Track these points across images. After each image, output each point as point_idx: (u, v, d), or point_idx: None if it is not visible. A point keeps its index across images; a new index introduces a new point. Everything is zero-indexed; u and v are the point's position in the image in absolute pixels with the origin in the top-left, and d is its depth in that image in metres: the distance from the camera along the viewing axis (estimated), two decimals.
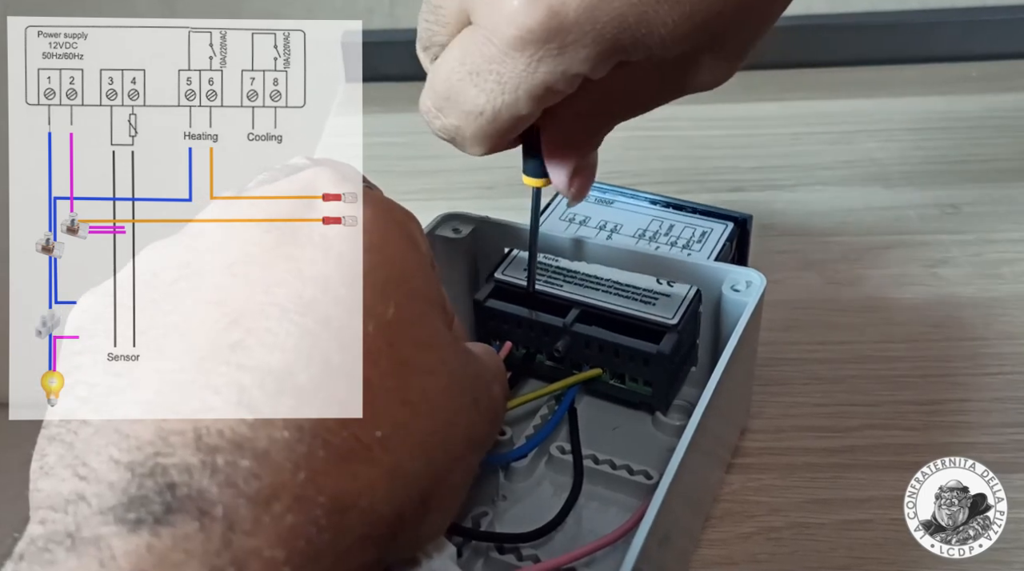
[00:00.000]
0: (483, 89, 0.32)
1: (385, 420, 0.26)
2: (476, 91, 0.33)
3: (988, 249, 0.60)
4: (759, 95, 0.80)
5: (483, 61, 0.32)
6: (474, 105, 0.33)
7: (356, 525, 0.25)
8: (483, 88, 0.32)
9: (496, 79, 0.32)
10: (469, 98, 0.33)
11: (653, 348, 0.42)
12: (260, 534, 0.23)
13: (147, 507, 0.23)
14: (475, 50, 0.32)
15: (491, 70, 0.32)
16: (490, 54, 0.32)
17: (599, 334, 0.43)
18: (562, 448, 0.42)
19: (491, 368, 0.34)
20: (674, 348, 0.42)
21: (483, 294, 0.45)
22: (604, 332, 0.43)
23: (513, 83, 0.32)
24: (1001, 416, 0.48)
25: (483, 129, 0.34)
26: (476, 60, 0.32)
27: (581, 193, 0.40)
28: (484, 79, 0.32)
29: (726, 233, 0.48)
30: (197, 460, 0.23)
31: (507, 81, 0.32)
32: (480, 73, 0.32)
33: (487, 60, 0.32)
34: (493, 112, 0.33)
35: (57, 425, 0.25)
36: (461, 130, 0.34)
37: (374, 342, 0.27)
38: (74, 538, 0.23)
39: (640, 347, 0.42)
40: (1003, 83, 0.83)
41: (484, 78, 0.32)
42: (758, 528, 0.42)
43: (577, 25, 0.30)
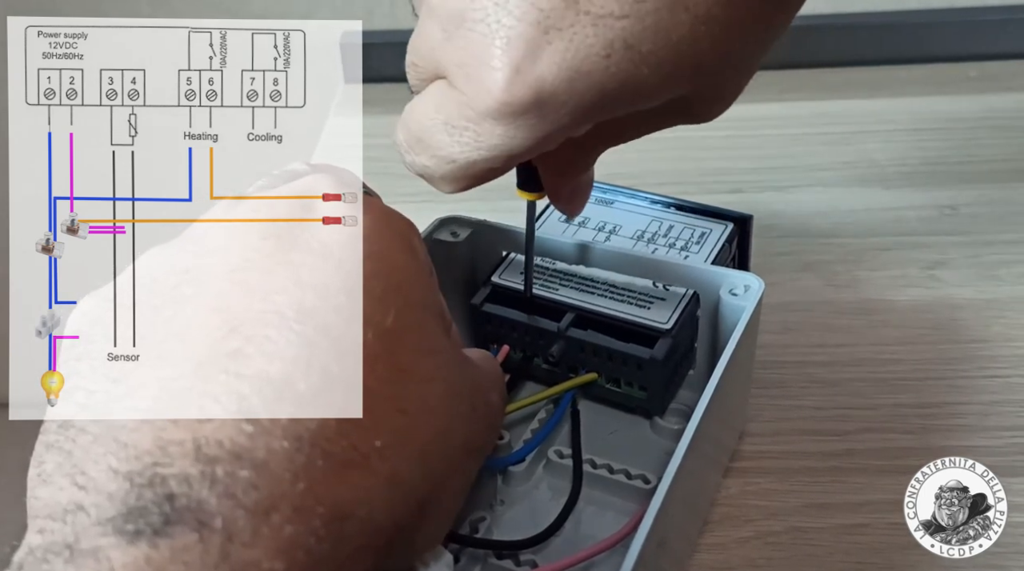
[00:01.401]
0: (457, 141, 0.31)
1: (383, 429, 0.26)
2: (450, 141, 0.32)
3: (986, 251, 0.60)
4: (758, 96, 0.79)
5: (460, 118, 0.31)
6: (447, 154, 0.32)
7: (354, 534, 0.25)
8: (457, 140, 0.31)
9: (472, 137, 0.31)
10: (443, 146, 0.32)
11: (647, 353, 0.42)
12: (259, 545, 0.23)
13: (146, 518, 0.23)
14: (452, 107, 0.31)
15: (467, 127, 0.31)
16: (467, 115, 0.31)
17: (593, 339, 0.43)
18: (560, 452, 0.42)
19: (489, 375, 0.34)
20: (668, 353, 0.42)
21: (480, 298, 0.45)
22: (598, 336, 0.43)
23: (489, 143, 0.31)
24: (999, 419, 0.48)
25: (454, 174, 0.33)
26: (452, 114, 0.31)
27: (577, 210, 0.41)
28: (460, 133, 0.31)
29: (725, 234, 0.48)
30: (196, 471, 0.23)
31: (483, 141, 0.31)
32: (456, 127, 0.31)
33: (464, 119, 0.31)
34: (467, 163, 0.32)
35: (55, 432, 0.25)
36: (431, 170, 0.33)
37: (372, 350, 0.27)
38: (72, 549, 0.22)
39: (634, 352, 0.42)
40: (1002, 84, 0.83)
41: (460, 132, 0.31)
42: (756, 532, 0.42)
43: (558, 98, 0.29)
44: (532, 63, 0.29)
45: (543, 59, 0.29)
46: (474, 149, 0.31)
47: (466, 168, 0.32)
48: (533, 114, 0.30)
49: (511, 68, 0.29)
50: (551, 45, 0.28)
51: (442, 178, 0.33)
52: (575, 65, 0.29)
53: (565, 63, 0.29)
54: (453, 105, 0.31)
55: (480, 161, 0.32)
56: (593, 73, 0.29)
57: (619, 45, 0.29)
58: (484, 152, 0.31)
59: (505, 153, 0.31)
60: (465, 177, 0.33)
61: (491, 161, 0.32)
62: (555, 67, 0.29)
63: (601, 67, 0.29)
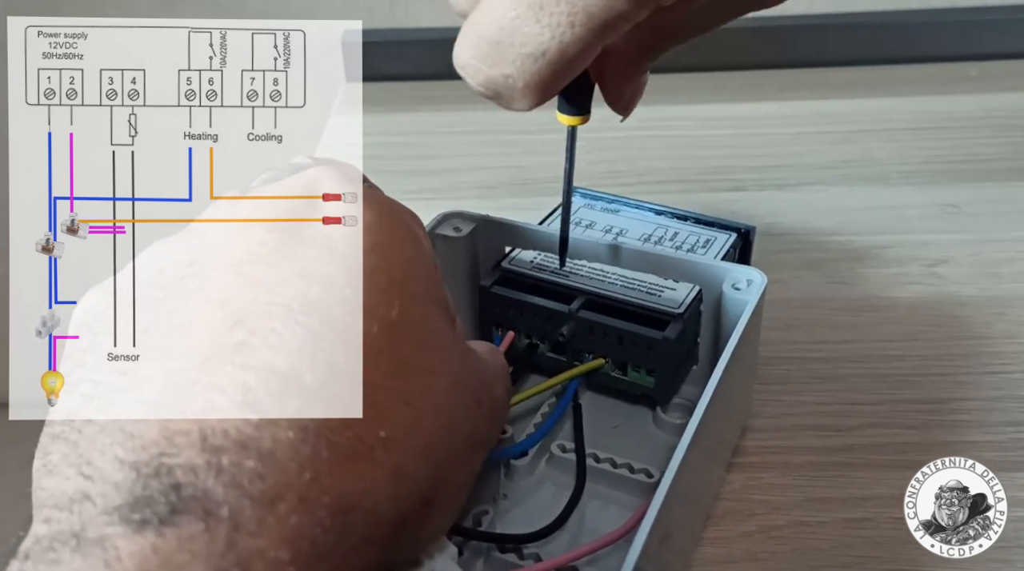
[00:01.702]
0: (547, 24, 0.29)
1: (388, 421, 0.26)
2: (539, 28, 0.29)
3: (988, 248, 0.61)
4: (760, 94, 0.80)
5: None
6: (536, 45, 0.29)
7: (360, 526, 0.25)
8: (547, 23, 0.29)
9: (567, 9, 0.29)
10: (530, 37, 0.29)
11: (659, 334, 0.42)
12: (265, 535, 0.23)
13: (152, 507, 0.23)
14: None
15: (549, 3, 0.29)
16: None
17: (604, 320, 0.43)
18: (563, 447, 0.42)
19: (494, 368, 0.34)
20: (679, 335, 0.42)
21: (489, 280, 0.45)
22: (609, 318, 0.43)
23: (587, 10, 0.29)
24: (1002, 415, 0.48)
25: (541, 74, 0.30)
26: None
27: (632, 107, 0.39)
28: (549, 12, 0.29)
29: (729, 242, 0.49)
30: (202, 460, 0.23)
31: (580, 9, 0.29)
32: (544, 5, 0.29)
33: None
34: (559, 50, 0.29)
35: (61, 423, 0.25)
36: (513, 79, 0.30)
37: (377, 343, 0.27)
38: (79, 538, 0.22)
39: (645, 333, 0.42)
40: (1003, 83, 0.83)
41: (549, 10, 0.29)
42: (759, 527, 0.42)
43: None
44: None
45: None
46: (567, 26, 0.29)
47: (558, 60, 0.30)
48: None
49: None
50: None
51: (526, 85, 0.30)
52: None
53: None
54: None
55: (574, 43, 0.29)
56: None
57: None
58: (578, 27, 0.29)
59: (602, 17, 0.29)
60: (554, 74, 0.30)
61: (586, 39, 0.29)
62: None
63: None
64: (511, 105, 0.32)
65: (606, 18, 0.29)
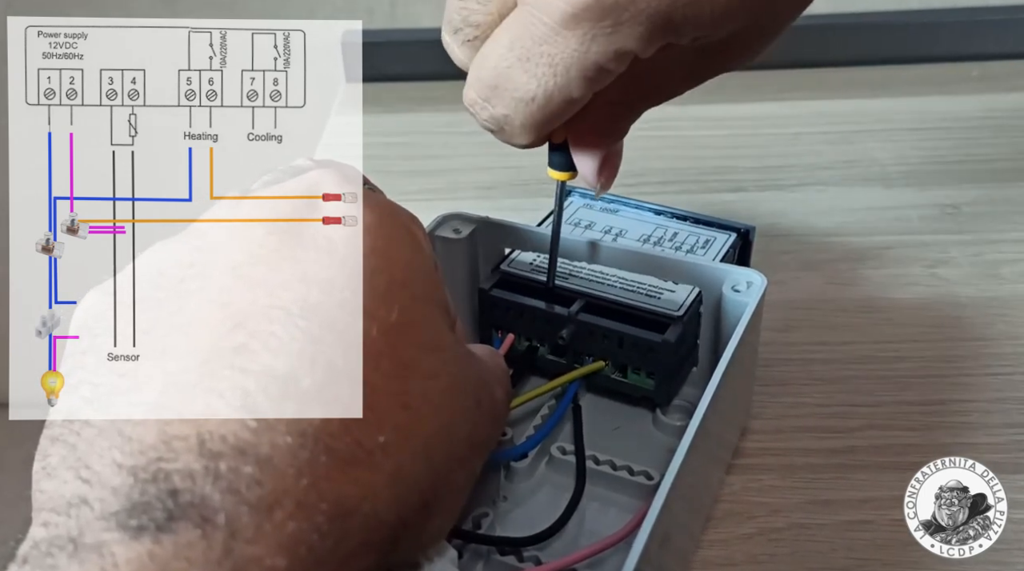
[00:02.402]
0: (534, 74, 0.32)
1: (387, 424, 0.26)
2: (527, 77, 0.32)
3: (988, 249, 0.60)
4: (759, 95, 0.80)
5: (533, 44, 0.32)
6: (525, 91, 0.33)
7: (358, 531, 0.25)
8: (534, 73, 0.32)
9: (548, 62, 0.32)
10: (520, 84, 0.33)
11: (658, 337, 0.42)
12: (262, 542, 0.23)
13: (149, 514, 0.22)
14: (525, 33, 0.32)
15: (542, 52, 0.32)
16: (541, 35, 0.31)
17: (604, 323, 0.43)
18: (563, 449, 0.42)
19: (493, 370, 0.34)
20: (679, 338, 0.42)
21: (488, 283, 0.45)
22: (609, 321, 0.43)
23: (565, 64, 0.32)
24: (1003, 416, 0.48)
25: (533, 116, 0.33)
26: (526, 44, 0.32)
27: (608, 183, 0.40)
28: (535, 64, 0.32)
29: (729, 242, 0.48)
30: (200, 466, 0.23)
31: (559, 62, 0.32)
32: (531, 58, 0.32)
33: (537, 42, 0.31)
34: (545, 97, 0.33)
35: (60, 425, 0.25)
36: (510, 119, 0.34)
37: (377, 345, 0.27)
38: (76, 543, 0.22)
39: (645, 336, 0.42)
40: (1004, 83, 0.83)
41: (535, 62, 0.32)
42: (759, 529, 0.42)
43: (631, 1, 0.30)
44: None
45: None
46: (551, 77, 0.32)
47: (545, 105, 0.33)
48: (608, 19, 0.30)
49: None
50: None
51: (522, 125, 0.34)
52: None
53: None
54: (526, 29, 0.32)
55: (557, 91, 0.32)
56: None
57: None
58: (560, 78, 0.32)
59: (581, 73, 0.32)
60: (544, 118, 0.33)
61: (568, 88, 0.32)
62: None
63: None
64: (512, 140, 0.35)
65: (585, 70, 0.32)
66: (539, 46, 0.32)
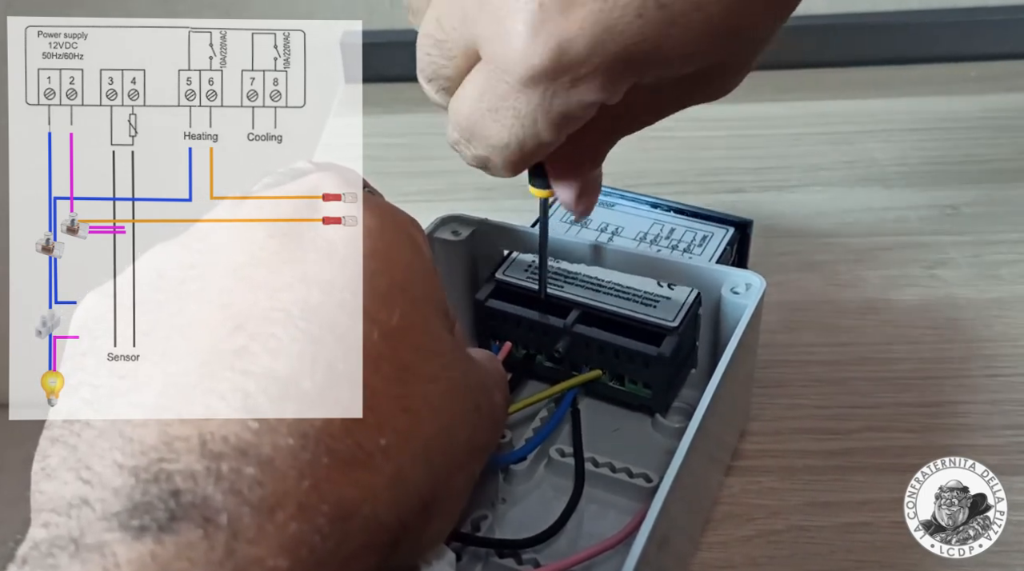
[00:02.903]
0: (504, 125, 0.33)
1: (388, 427, 0.26)
2: (498, 127, 0.33)
3: (987, 250, 0.60)
4: (759, 96, 0.80)
5: (498, 98, 0.32)
6: (498, 139, 0.33)
7: (359, 533, 0.25)
8: (503, 124, 0.33)
9: (514, 114, 0.32)
10: (492, 133, 0.33)
11: (654, 350, 0.42)
12: (263, 543, 0.23)
13: (151, 514, 0.23)
14: (490, 88, 0.32)
15: (508, 106, 0.32)
16: (504, 91, 0.32)
17: (599, 335, 0.43)
18: (562, 451, 0.42)
19: (492, 374, 0.34)
20: (674, 350, 0.42)
21: (484, 294, 0.45)
22: (604, 333, 0.43)
23: (531, 117, 0.32)
24: (1002, 418, 0.48)
25: (510, 159, 0.34)
26: (492, 98, 0.32)
27: (587, 209, 0.41)
28: (503, 115, 0.32)
29: (727, 237, 0.48)
30: (202, 466, 0.23)
31: (525, 115, 0.32)
32: (499, 110, 0.32)
33: (502, 97, 0.32)
34: (517, 143, 0.33)
35: (60, 426, 0.25)
36: (491, 160, 0.35)
37: (377, 348, 0.27)
38: (78, 544, 0.22)
39: (640, 349, 0.42)
40: (1003, 83, 0.83)
41: (503, 114, 0.32)
42: (758, 531, 0.42)
43: (586, 58, 0.30)
44: (559, 22, 0.30)
45: (572, 17, 0.29)
46: (519, 127, 0.32)
47: (519, 149, 0.33)
48: (565, 77, 0.31)
49: (534, 27, 0.30)
50: (584, 7, 0.29)
51: (503, 165, 0.35)
52: (608, 24, 0.29)
53: (598, 22, 0.29)
54: (490, 85, 0.32)
55: (528, 138, 0.33)
56: (625, 32, 0.30)
57: (652, 4, 0.29)
58: (528, 128, 0.32)
59: (549, 123, 0.32)
60: (522, 158, 0.34)
61: (538, 136, 0.33)
62: (585, 25, 0.30)
63: (634, 27, 0.30)
64: (498, 175, 0.36)
65: (552, 120, 0.32)
66: (503, 100, 0.32)
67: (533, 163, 0.35)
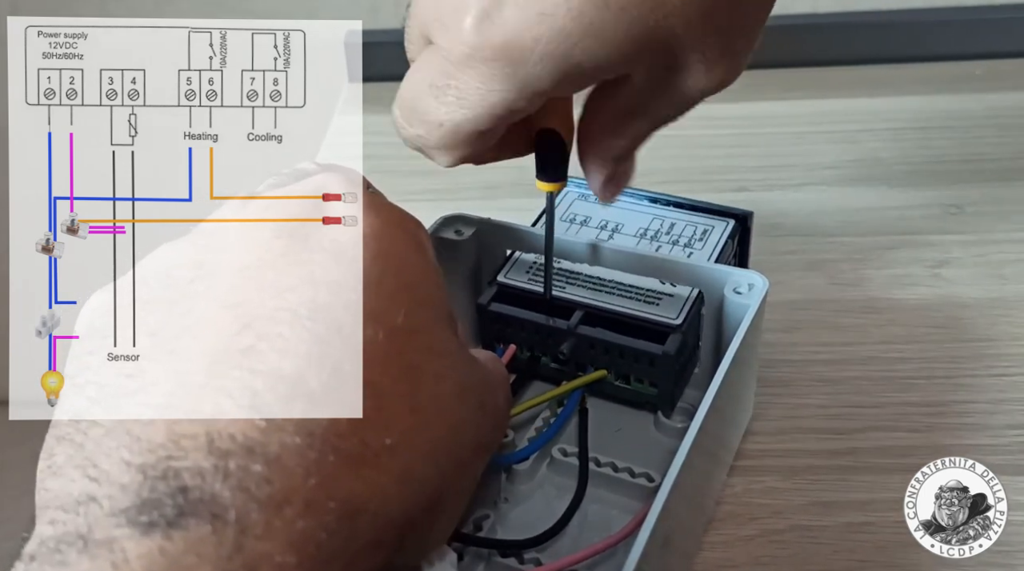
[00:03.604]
0: (443, 102, 0.33)
1: (395, 426, 0.26)
2: (436, 103, 0.33)
3: (992, 249, 0.60)
4: (762, 94, 0.79)
5: (441, 75, 0.33)
6: (434, 117, 0.34)
7: (366, 530, 0.25)
8: (443, 101, 0.33)
9: (455, 94, 0.33)
10: (430, 110, 0.34)
11: (658, 349, 0.41)
12: (271, 539, 0.23)
13: (160, 510, 0.23)
14: (434, 65, 0.33)
15: (449, 85, 0.33)
16: (447, 70, 0.32)
17: (604, 336, 0.43)
18: (564, 451, 0.42)
19: (495, 375, 0.34)
20: (679, 348, 0.41)
21: (486, 298, 0.45)
22: (609, 333, 0.43)
23: (471, 100, 0.33)
24: (1006, 418, 0.48)
25: (445, 140, 0.34)
26: (435, 74, 0.33)
27: (612, 196, 0.40)
28: (443, 93, 0.33)
29: (727, 230, 0.48)
30: (209, 464, 0.23)
31: (464, 97, 0.33)
32: (439, 87, 0.33)
33: (445, 75, 0.33)
34: (453, 125, 0.34)
35: (66, 425, 0.26)
36: (425, 139, 0.35)
37: (384, 348, 0.27)
38: (86, 540, 0.23)
39: (645, 348, 0.42)
40: (1008, 82, 0.82)
41: (444, 92, 0.33)
42: (760, 531, 0.42)
43: (524, 42, 0.31)
44: (499, 7, 0.30)
45: (508, 3, 0.30)
46: (457, 108, 0.33)
47: (455, 132, 0.34)
48: (504, 60, 0.31)
49: (477, 12, 0.31)
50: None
51: (436, 147, 0.35)
52: (539, 7, 0.30)
53: (529, 5, 0.30)
54: (435, 63, 0.33)
55: (465, 122, 0.33)
56: (556, 15, 0.30)
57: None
58: (467, 111, 0.33)
59: (487, 109, 0.33)
60: (456, 143, 0.34)
61: (476, 121, 0.33)
62: (519, 9, 0.30)
63: (563, 9, 0.30)
64: (433, 158, 0.37)
65: (492, 106, 0.33)
66: (446, 79, 0.33)
67: (471, 151, 0.35)
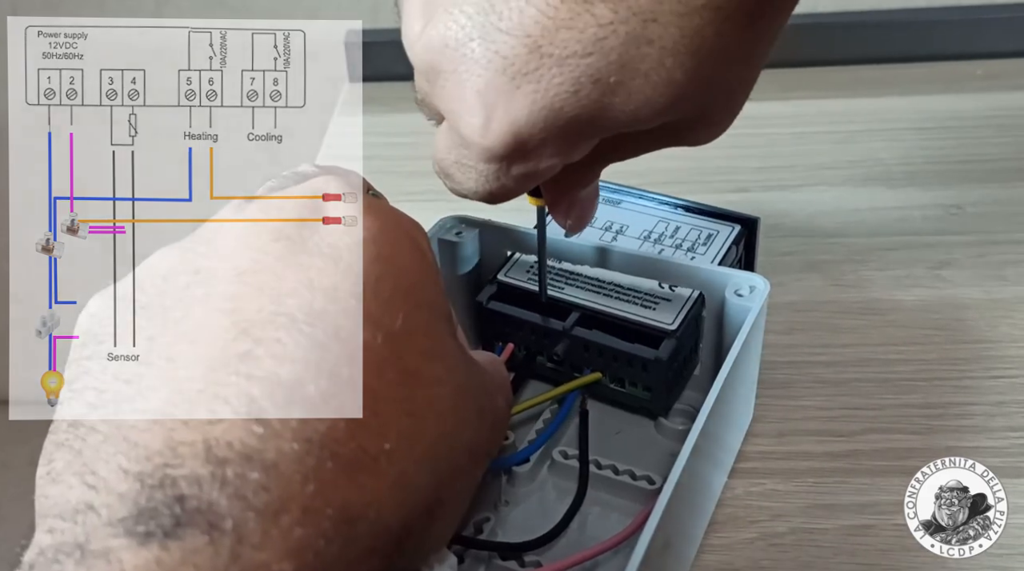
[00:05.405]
0: (469, 177, 0.33)
1: (392, 431, 0.26)
2: (464, 177, 0.33)
3: (992, 250, 0.60)
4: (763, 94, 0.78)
5: (463, 157, 0.33)
6: (466, 188, 0.34)
7: (363, 536, 0.25)
8: (469, 177, 0.33)
9: (477, 173, 0.33)
10: (460, 180, 0.34)
11: (652, 353, 0.41)
12: (269, 548, 0.23)
13: (157, 520, 0.23)
14: (455, 148, 0.33)
15: (471, 166, 0.33)
16: (467, 155, 0.32)
17: (598, 338, 0.43)
18: (564, 453, 0.42)
19: (495, 378, 0.34)
20: (672, 354, 0.41)
21: (485, 296, 0.45)
22: (603, 336, 0.43)
23: (494, 176, 0.32)
24: (1006, 420, 0.47)
25: (483, 197, 0.34)
26: (459, 154, 0.33)
27: (579, 225, 0.41)
28: (468, 170, 0.33)
29: (732, 235, 0.48)
30: (207, 472, 0.23)
31: (488, 176, 0.33)
32: (464, 167, 0.33)
33: (466, 157, 0.33)
34: (485, 193, 0.34)
35: (65, 431, 0.25)
36: (467, 195, 0.35)
37: (382, 353, 0.27)
38: (83, 550, 0.23)
39: (638, 352, 0.42)
40: (1009, 82, 0.82)
41: (468, 170, 0.33)
42: (761, 533, 0.42)
43: (535, 137, 0.30)
44: (505, 108, 0.30)
45: (515, 103, 0.30)
46: (483, 182, 0.33)
47: (488, 196, 0.34)
48: (518, 155, 0.31)
49: (484, 116, 0.30)
50: (520, 89, 0.29)
51: (479, 200, 0.35)
52: (546, 104, 0.29)
53: (536, 104, 0.29)
54: (456, 146, 0.33)
55: (496, 190, 0.33)
56: (565, 108, 0.30)
57: (586, 80, 0.29)
58: (492, 184, 0.33)
59: (511, 186, 0.33)
60: (492, 200, 0.34)
61: (505, 189, 0.33)
62: (527, 109, 0.30)
63: (572, 102, 0.29)
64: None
65: (513, 179, 0.33)
66: (467, 160, 0.33)
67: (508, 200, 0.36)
